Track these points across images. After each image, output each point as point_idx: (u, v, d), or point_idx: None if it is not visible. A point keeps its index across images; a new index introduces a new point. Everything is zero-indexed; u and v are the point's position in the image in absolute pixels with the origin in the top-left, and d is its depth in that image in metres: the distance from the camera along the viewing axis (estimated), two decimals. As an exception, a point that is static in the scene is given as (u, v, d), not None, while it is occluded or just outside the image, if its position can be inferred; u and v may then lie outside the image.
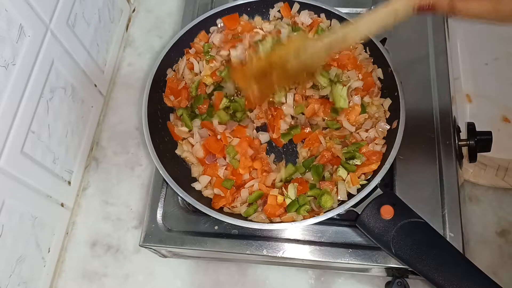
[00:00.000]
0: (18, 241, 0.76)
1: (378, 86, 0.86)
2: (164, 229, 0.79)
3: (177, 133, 0.85)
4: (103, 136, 1.00)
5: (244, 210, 0.76)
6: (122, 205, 0.93)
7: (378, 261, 0.74)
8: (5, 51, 0.67)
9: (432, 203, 0.77)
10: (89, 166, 0.97)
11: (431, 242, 0.69)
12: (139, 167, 0.96)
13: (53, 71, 0.81)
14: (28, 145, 0.75)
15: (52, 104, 0.82)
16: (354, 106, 0.82)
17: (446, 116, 0.85)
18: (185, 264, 0.87)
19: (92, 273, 0.88)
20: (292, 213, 0.74)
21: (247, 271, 0.85)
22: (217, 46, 0.92)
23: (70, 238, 0.91)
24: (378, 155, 0.78)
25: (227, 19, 0.92)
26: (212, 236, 0.78)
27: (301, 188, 0.76)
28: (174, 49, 0.89)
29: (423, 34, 0.94)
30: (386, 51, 0.85)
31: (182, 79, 0.89)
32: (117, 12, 1.07)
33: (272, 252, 0.76)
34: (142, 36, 1.11)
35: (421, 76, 0.89)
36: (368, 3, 1.01)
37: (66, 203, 0.90)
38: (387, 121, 0.82)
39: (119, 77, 1.06)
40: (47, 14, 0.77)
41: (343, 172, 0.76)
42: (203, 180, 0.80)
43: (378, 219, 0.70)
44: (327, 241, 0.77)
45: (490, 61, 1.01)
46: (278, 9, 0.94)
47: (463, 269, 0.66)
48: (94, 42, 0.96)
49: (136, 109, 1.02)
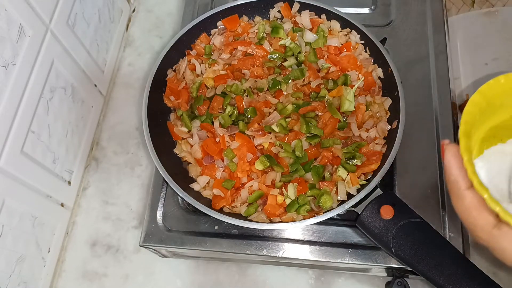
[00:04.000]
0: (18, 241, 0.76)
1: (379, 85, 0.86)
2: (164, 229, 0.79)
3: (176, 132, 0.85)
4: (103, 136, 1.00)
5: (244, 210, 0.76)
6: (122, 205, 0.93)
7: (378, 261, 0.74)
8: (5, 51, 0.67)
9: (432, 203, 0.77)
10: (89, 166, 0.97)
11: (431, 242, 0.68)
12: (139, 167, 0.96)
13: (53, 71, 0.81)
14: (28, 145, 0.75)
15: (52, 104, 0.82)
16: (359, 105, 0.83)
17: (446, 116, 0.85)
18: (185, 264, 0.87)
19: (92, 273, 0.88)
20: (292, 213, 0.74)
21: (247, 271, 0.85)
22: (218, 48, 0.92)
23: (70, 238, 0.91)
24: (378, 155, 0.78)
25: (227, 21, 0.93)
26: (212, 236, 0.78)
27: (301, 188, 0.76)
28: (174, 49, 0.89)
29: (423, 34, 0.94)
30: (386, 51, 0.85)
31: (182, 79, 0.89)
32: (117, 12, 1.07)
33: (272, 252, 0.76)
34: (142, 36, 1.11)
35: (421, 76, 0.89)
36: (368, 3, 1.01)
37: (66, 203, 0.90)
38: (387, 121, 0.82)
39: (119, 77, 1.06)
40: (47, 14, 0.77)
41: (343, 172, 0.76)
42: (201, 180, 0.80)
43: (378, 219, 0.70)
44: (327, 241, 0.77)
45: (490, 61, 1.01)
46: (278, 9, 0.94)
47: (463, 269, 0.65)
48: (94, 42, 0.96)
49: (136, 109, 1.02)
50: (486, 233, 0.47)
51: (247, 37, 0.92)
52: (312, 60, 0.88)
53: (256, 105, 0.83)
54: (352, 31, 0.90)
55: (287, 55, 0.89)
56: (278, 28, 0.90)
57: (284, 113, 0.82)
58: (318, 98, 0.84)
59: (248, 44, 0.90)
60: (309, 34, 0.89)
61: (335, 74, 0.87)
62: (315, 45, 0.89)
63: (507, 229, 0.46)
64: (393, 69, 0.83)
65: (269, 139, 0.80)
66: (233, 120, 0.83)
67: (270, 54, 0.89)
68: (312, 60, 0.88)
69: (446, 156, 0.50)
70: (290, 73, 0.86)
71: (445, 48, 0.92)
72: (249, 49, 0.90)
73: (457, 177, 0.49)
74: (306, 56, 0.89)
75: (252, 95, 0.85)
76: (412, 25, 0.95)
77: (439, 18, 0.96)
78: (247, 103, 0.84)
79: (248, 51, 0.90)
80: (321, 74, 0.87)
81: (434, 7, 0.98)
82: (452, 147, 0.50)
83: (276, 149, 0.80)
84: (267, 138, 0.80)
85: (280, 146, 0.79)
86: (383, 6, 1.00)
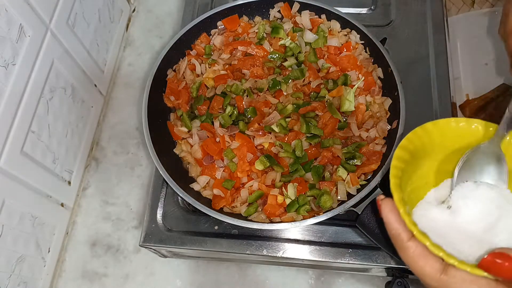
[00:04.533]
0: (18, 241, 0.76)
1: (379, 85, 0.86)
2: (164, 229, 0.79)
3: (176, 132, 0.85)
4: (103, 136, 1.00)
5: (244, 210, 0.76)
6: (122, 205, 0.93)
7: (378, 261, 0.74)
8: (5, 51, 0.67)
9: (432, 203, 0.77)
10: (89, 166, 0.97)
11: (431, 242, 0.68)
12: (139, 167, 0.96)
13: (53, 71, 0.81)
14: (28, 145, 0.75)
15: (52, 104, 0.82)
16: (358, 105, 0.82)
17: (446, 116, 0.85)
18: (185, 264, 0.87)
19: (92, 273, 0.88)
20: (292, 213, 0.74)
21: (247, 271, 0.85)
22: (218, 48, 0.92)
23: (70, 238, 0.91)
24: (378, 155, 0.78)
25: (227, 21, 0.93)
26: (212, 236, 0.78)
27: (301, 188, 0.76)
28: (174, 49, 0.89)
29: (423, 34, 0.94)
30: (386, 51, 0.85)
31: (182, 79, 0.89)
32: (117, 12, 1.07)
33: (272, 252, 0.76)
34: (142, 36, 1.11)
35: (421, 76, 0.89)
36: (368, 3, 1.01)
37: (66, 203, 0.90)
38: (387, 121, 0.82)
39: (119, 77, 1.06)
40: (47, 14, 0.77)
41: (343, 172, 0.76)
42: (201, 180, 0.80)
43: (378, 219, 0.70)
44: (327, 241, 0.77)
45: (490, 61, 1.01)
46: (278, 9, 0.94)
47: (463, 269, 0.65)
48: (94, 42, 0.96)
49: (136, 109, 1.02)
50: (435, 280, 0.48)
51: (247, 37, 0.92)
52: (312, 60, 0.88)
53: (256, 105, 0.83)
54: (352, 31, 0.90)
55: (287, 55, 0.89)
56: (278, 28, 0.90)
57: (284, 113, 0.82)
58: (318, 98, 0.84)
59: (248, 44, 0.90)
60: (309, 34, 0.89)
61: (335, 74, 0.86)
62: (315, 45, 0.89)
63: (454, 272, 0.47)
64: (393, 69, 0.83)
65: (269, 139, 0.80)
66: (233, 120, 0.83)
67: (270, 54, 0.89)
68: (312, 60, 0.88)
69: (383, 212, 0.52)
70: (290, 73, 0.85)
71: (445, 48, 0.92)
72: (249, 49, 0.89)
73: (398, 230, 0.51)
74: (306, 56, 0.88)
75: (252, 95, 0.85)
76: (412, 25, 0.95)
77: (439, 18, 0.96)
78: (247, 103, 0.84)
79: (248, 51, 0.90)
80: (321, 74, 0.87)
81: (434, 7, 0.98)
82: (388, 202, 0.52)
83: (276, 149, 0.80)
84: (267, 138, 0.80)
85: (280, 146, 0.79)
86: (383, 6, 1.00)
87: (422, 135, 0.59)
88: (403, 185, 0.55)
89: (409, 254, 0.50)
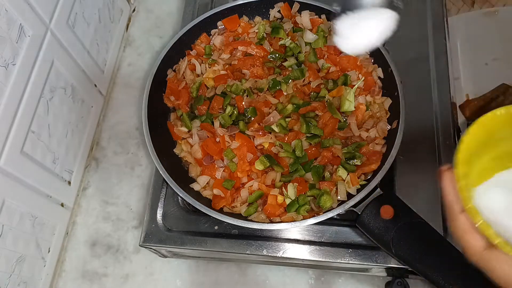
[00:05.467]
0: (18, 241, 0.76)
1: (379, 85, 0.86)
2: (164, 229, 0.79)
3: (176, 132, 0.85)
4: (103, 136, 1.00)
5: (244, 210, 0.76)
6: (122, 205, 0.93)
7: (378, 261, 0.74)
8: (5, 51, 0.67)
9: (432, 203, 0.77)
10: (89, 166, 0.97)
11: (431, 242, 0.69)
12: (139, 167, 0.96)
13: (53, 71, 0.81)
14: (28, 145, 0.75)
15: (52, 104, 0.82)
16: (359, 105, 0.83)
17: (446, 116, 0.85)
18: (185, 264, 0.87)
19: (92, 273, 0.88)
20: (292, 213, 0.74)
21: (247, 271, 0.85)
22: (218, 48, 0.92)
23: (70, 238, 0.91)
24: (378, 155, 0.78)
25: (227, 21, 0.93)
26: (212, 236, 0.78)
27: (301, 188, 0.76)
28: (174, 49, 0.89)
29: (423, 34, 0.94)
30: (386, 51, 0.85)
31: (182, 79, 0.89)
32: (117, 12, 1.07)
33: (272, 252, 0.76)
34: (142, 36, 1.11)
35: (421, 76, 0.89)
36: (368, 3, 1.01)
37: (66, 203, 0.90)
38: (387, 121, 0.82)
39: (119, 77, 1.06)
40: (47, 14, 0.77)
41: (343, 172, 0.76)
42: (201, 180, 0.80)
43: (378, 219, 0.70)
44: (327, 241, 0.77)
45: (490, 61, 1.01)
46: (278, 9, 0.94)
47: (462, 269, 0.65)
48: (94, 42, 0.96)
49: (136, 109, 1.02)
50: (477, 254, 0.49)
51: (247, 37, 0.92)
52: (312, 60, 0.88)
53: (256, 105, 0.83)
54: (352, 31, 0.90)
55: (287, 55, 0.89)
56: (278, 28, 0.90)
57: (284, 113, 0.82)
58: (318, 98, 0.84)
59: (248, 44, 0.90)
60: (309, 34, 0.89)
61: (335, 74, 0.86)
62: (315, 45, 0.89)
63: (497, 252, 0.48)
64: (393, 69, 0.83)
65: (269, 139, 0.80)
66: (233, 120, 0.83)
67: (270, 54, 0.89)
68: (312, 60, 0.88)
69: (443, 181, 0.53)
70: (290, 73, 0.86)
71: (445, 48, 0.92)
72: (249, 49, 0.90)
73: (452, 201, 0.51)
74: (306, 56, 0.89)
75: (252, 95, 0.85)
76: (412, 25, 0.95)
77: (439, 18, 0.96)
78: (247, 103, 0.84)
79: (248, 51, 0.90)
80: (321, 74, 0.87)
81: (434, 7, 0.98)
82: (449, 173, 0.53)
83: (276, 149, 0.80)
84: (267, 138, 0.80)
85: (280, 146, 0.79)
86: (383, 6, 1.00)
87: (504, 115, 0.54)
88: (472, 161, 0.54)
89: (458, 226, 0.51)
